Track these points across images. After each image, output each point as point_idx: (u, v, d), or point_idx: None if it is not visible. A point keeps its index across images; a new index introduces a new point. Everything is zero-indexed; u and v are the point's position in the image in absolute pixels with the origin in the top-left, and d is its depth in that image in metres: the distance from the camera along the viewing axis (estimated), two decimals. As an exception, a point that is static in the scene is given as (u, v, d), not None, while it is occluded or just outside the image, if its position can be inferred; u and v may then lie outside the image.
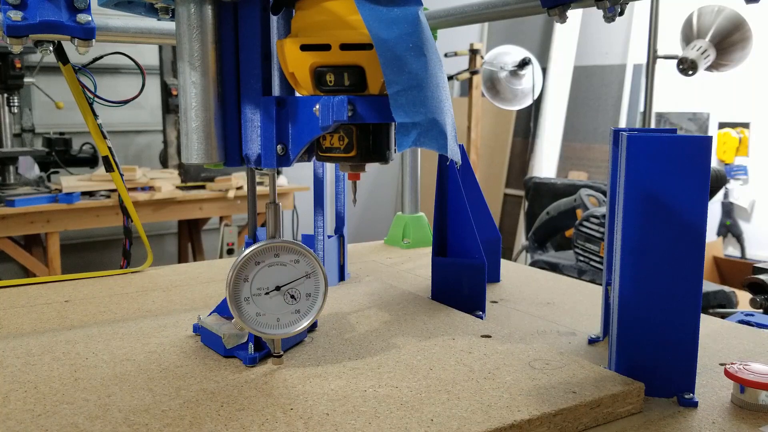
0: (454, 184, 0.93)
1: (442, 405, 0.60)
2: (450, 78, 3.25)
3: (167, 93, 3.38)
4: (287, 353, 0.72)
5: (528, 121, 4.41)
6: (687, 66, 2.34)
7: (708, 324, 0.89)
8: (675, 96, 3.96)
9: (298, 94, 0.69)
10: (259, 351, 0.70)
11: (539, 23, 4.64)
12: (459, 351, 0.73)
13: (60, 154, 3.19)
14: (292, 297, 0.68)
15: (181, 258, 3.83)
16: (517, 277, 1.14)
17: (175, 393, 0.62)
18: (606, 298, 0.80)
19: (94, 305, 0.92)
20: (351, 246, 1.32)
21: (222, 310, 0.76)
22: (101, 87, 1.02)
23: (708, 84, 3.81)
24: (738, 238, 3.89)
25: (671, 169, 0.62)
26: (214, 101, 0.66)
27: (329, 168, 1.01)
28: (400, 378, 0.66)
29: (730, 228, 3.91)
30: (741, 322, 0.98)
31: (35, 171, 3.21)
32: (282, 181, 3.57)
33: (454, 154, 0.62)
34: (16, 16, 0.85)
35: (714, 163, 3.71)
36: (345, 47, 0.62)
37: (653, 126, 3.26)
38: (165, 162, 3.58)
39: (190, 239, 3.77)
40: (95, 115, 1.03)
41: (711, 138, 0.63)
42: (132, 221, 1.12)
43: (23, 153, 3.11)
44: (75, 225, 2.96)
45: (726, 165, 3.88)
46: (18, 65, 2.82)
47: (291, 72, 0.65)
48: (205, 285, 1.03)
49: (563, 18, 0.90)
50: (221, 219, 3.36)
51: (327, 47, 0.62)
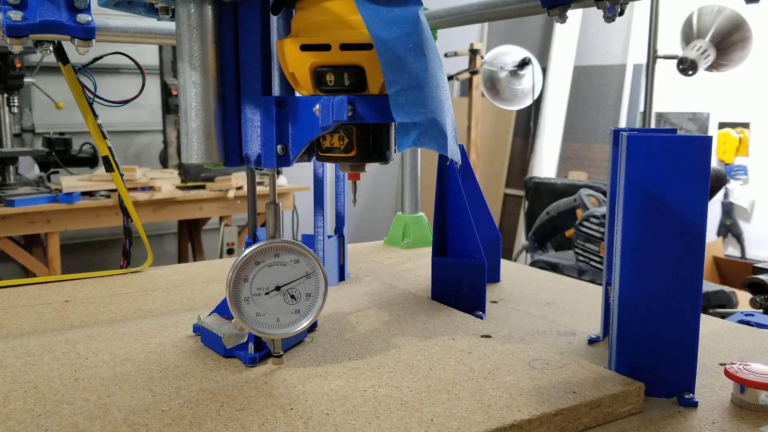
0: (454, 184, 0.93)
1: (442, 405, 0.60)
2: (450, 78, 3.25)
3: (167, 93, 3.39)
4: (287, 353, 0.72)
5: (528, 121, 4.41)
6: (687, 66, 2.34)
7: (708, 324, 0.89)
8: (675, 96, 3.96)
9: (298, 94, 0.69)
10: (259, 351, 0.70)
11: (539, 23, 4.64)
12: (459, 351, 0.73)
13: (60, 154, 3.19)
14: (292, 297, 0.68)
15: (181, 258, 3.83)
16: (517, 277, 1.14)
17: (175, 393, 0.62)
18: (606, 298, 0.81)
19: (94, 305, 0.92)
20: (351, 246, 1.32)
21: (222, 310, 0.76)
22: (101, 87, 1.02)
23: (708, 84, 3.81)
24: (738, 238, 3.89)
25: (671, 169, 0.62)
26: (214, 101, 0.66)
27: (329, 168, 1.01)
28: (400, 378, 0.66)
29: (730, 228, 3.91)
30: (741, 322, 0.98)
31: (35, 171, 3.21)
32: (282, 181, 3.57)
33: (454, 154, 0.62)
34: (16, 16, 0.85)
35: (714, 163, 3.71)
36: (345, 47, 0.62)
37: (653, 126, 3.26)
38: (165, 162, 3.58)
39: (190, 239, 3.77)
40: (95, 115, 1.03)
41: (711, 138, 0.63)
42: (132, 221, 1.12)
43: (23, 153, 3.11)
44: (75, 225, 2.96)
45: (726, 165, 3.88)
46: (18, 65, 2.82)
47: (291, 72, 0.65)
48: (205, 285, 1.03)
49: (563, 18, 0.90)
50: (221, 219, 3.36)
51: (327, 47, 0.62)
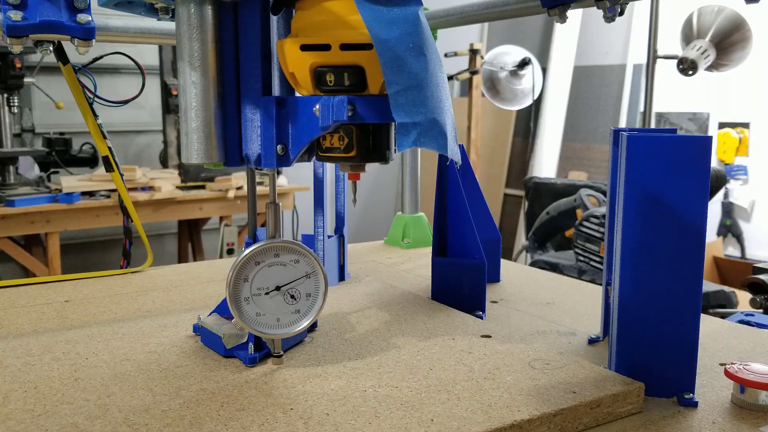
0: (454, 184, 0.93)
1: (442, 405, 0.60)
2: (450, 78, 3.25)
3: (167, 93, 3.39)
4: (287, 353, 0.72)
5: (528, 121, 4.41)
6: (687, 66, 2.34)
7: (708, 324, 0.89)
8: (675, 96, 3.96)
9: (298, 94, 0.69)
10: (259, 351, 0.70)
11: (539, 23, 4.64)
12: (459, 351, 0.73)
13: (60, 154, 3.19)
14: (292, 297, 0.68)
15: (181, 258, 3.83)
16: (517, 277, 1.14)
17: (175, 393, 0.62)
18: (606, 298, 0.80)
19: (94, 305, 0.92)
20: (351, 246, 1.32)
21: (222, 310, 0.76)
22: (101, 87, 1.02)
23: (708, 84, 3.81)
24: (738, 238, 3.89)
25: (671, 169, 0.62)
26: (214, 101, 0.66)
27: (329, 168, 1.01)
28: (400, 378, 0.66)
29: (730, 228, 3.91)
30: (741, 322, 0.98)
31: (35, 171, 3.21)
32: (282, 181, 3.57)
33: (454, 154, 0.62)
34: (16, 16, 0.85)
35: (714, 163, 3.71)
36: (345, 47, 0.62)
37: (653, 126, 3.26)
38: (165, 162, 3.58)
39: (190, 239, 3.77)
40: (95, 115, 1.03)
41: (711, 138, 0.63)
42: (132, 221, 1.12)
43: (23, 153, 3.11)
44: (75, 225, 2.96)
45: (726, 165, 3.88)
46: (18, 65, 2.82)
47: (291, 72, 0.65)
48: (205, 285, 1.03)
49: (563, 18, 0.90)
50: (221, 219, 3.36)
51: (327, 47, 0.62)
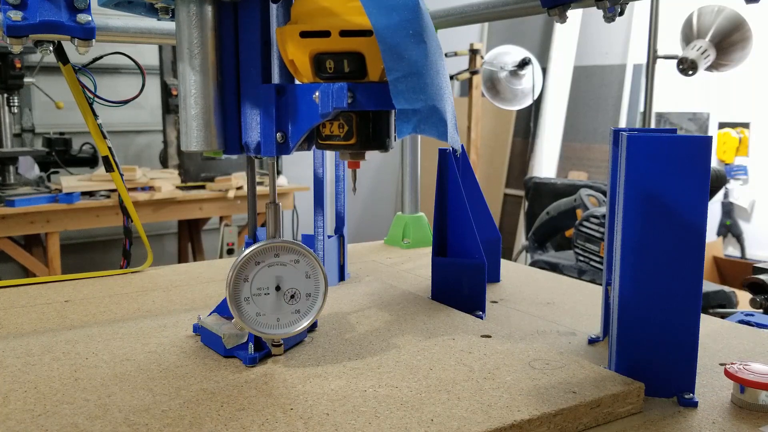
0: (454, 184, 0.93)
1: (442, 405, 0.60)
2: (450, 78, 3.24)
3: (167, 93, 3.39)
4: (287, 353, 0.72)
5: (528, 121, 4.41)
6: (687, 66, 2.34)
7: (708, 324, 0.89)
8: (675, 96, 3.96)
9: (297, 82, 0.68)
10: (259, 351, 0.70)
11: (539, 23, 4.64)
12: (459, 351, 0.73)
13: (60, 154, 3.19)
14: (292, 297, 0.68)
15: (181, 258, 3.83)
16: (517, 277, 1.14)
17: (175, 393, 0.62)
18: (606, 298, 0.80)
19: (94, 305, 0.92)
20: (351, 246, 1.32)
21: (222, 310, 0.76)
22: (101, 87, 1.02)
23: (708, 84, 3.81)
24: (738, 238, 3.89)
25: (671, 169, 0.62)
26: (213, 88, 0.66)
27: (329, 168, 1.01)
28: (400, 378, 0.66)
29: (730, 228, 3.91)
30: (741, 322, 0.98)
31: (35, 171, 3.21)
32: (282, 181, 3.57)
33: (454, 141, 0.62)
34: (16, 16, 0.85)
35: (714, 163, 3.71)
36: (345, 34, 0.62)
37: (653, 126, 3.26)
38: (165, 162, 3.58)
39: (190, 239, 3.77)
40: (95, 115, 1.03)
41: (711, 138, 0.63)
42: (132, 221, 1.12)
43: (23, 153, 3.11)
44: (75, 225, 2.96)
45: (726, 165, 3.88)
46: (18, 65, 2.82)
47: (290, 59, 0.65)
48: (205, 285, 1.03)
49: (563, 18, 0.90)
50: (221, 219, 3.36)
51: (327, 34, 0.62)
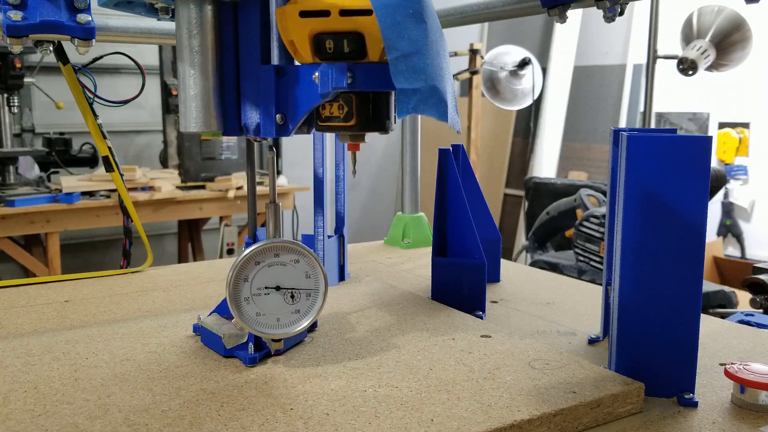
0: (454, 184, 0.93)
1: (442, 405, 0.60)
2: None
3: (167, 93, 3.39)
4: (287, 353, 0.72)
5: (528, 121, 4.41)
6: (687, 66, 2.34)
7: (708, 324, 0.89)
8: (675, 96, 3.96)
9: (297, 62, 0.68)
10: (259, 351, 0.70)
11: (539, 23, 4.64)
12: (459, 351, 0.73)
13: (60, 154, 3.19)
14: (292, 297, 0.68)
15: (181, 258, 3.83)
16: (517, 277, 1.14)
17: (175, 393, 0.62)
18: (606, 298, 0.80)
19: (94, 305, 0.92)
20: (351, 246, 1.32)
21: (222, 310, 0.76)
22: (101, 87, 1.02)
23: (708, 84, 3.81)
24: (738, 238, 3.89)
25: (671, 169, 0.62)
26: (212, 69, 0.65)
27: (329, 168, 1.01)
28: (400, 378, 0.66)
29: (730, 228, 3.91)
30: (741, 322, 0.98)
31: (35, 171, 3.21)
32: (282, 181, 3.57)
33: (454, 122, 0.62)
34: (16, 16, 0.85)
35: (714, 163, 3.71)
36: (344, 13, 0.61)
37: (653, 126, 3.26)
38: (165, 162, 3.58)
39: (190, 239, 3.77)
40: (95, 115, 1.03)
41: (711, 138, 0.63)
42: (132, 221, 1.12)
43: (23, 153, 3.12)
44: (75, 225, 2.96)
45: (726, 165, 3.88)
46: (18, 65, 2.82)
47: (290, 40, 0.64)
48: (205, 285, 1.03)
49: (563, 18, 0.90)
50: (221, 219, 3.36)
51: (326, 13, 0.61)
